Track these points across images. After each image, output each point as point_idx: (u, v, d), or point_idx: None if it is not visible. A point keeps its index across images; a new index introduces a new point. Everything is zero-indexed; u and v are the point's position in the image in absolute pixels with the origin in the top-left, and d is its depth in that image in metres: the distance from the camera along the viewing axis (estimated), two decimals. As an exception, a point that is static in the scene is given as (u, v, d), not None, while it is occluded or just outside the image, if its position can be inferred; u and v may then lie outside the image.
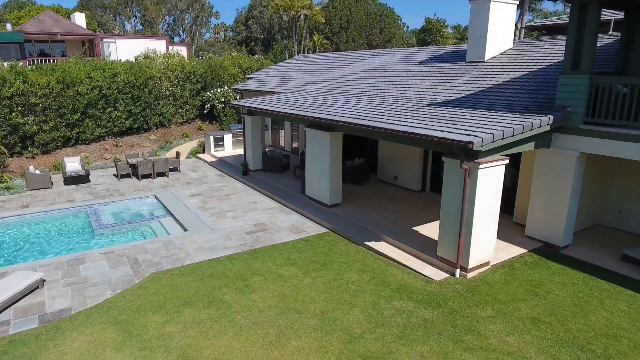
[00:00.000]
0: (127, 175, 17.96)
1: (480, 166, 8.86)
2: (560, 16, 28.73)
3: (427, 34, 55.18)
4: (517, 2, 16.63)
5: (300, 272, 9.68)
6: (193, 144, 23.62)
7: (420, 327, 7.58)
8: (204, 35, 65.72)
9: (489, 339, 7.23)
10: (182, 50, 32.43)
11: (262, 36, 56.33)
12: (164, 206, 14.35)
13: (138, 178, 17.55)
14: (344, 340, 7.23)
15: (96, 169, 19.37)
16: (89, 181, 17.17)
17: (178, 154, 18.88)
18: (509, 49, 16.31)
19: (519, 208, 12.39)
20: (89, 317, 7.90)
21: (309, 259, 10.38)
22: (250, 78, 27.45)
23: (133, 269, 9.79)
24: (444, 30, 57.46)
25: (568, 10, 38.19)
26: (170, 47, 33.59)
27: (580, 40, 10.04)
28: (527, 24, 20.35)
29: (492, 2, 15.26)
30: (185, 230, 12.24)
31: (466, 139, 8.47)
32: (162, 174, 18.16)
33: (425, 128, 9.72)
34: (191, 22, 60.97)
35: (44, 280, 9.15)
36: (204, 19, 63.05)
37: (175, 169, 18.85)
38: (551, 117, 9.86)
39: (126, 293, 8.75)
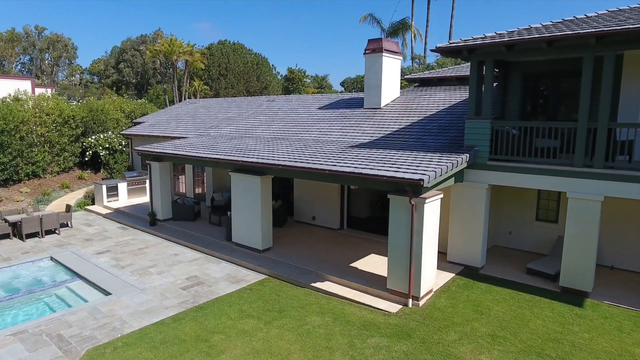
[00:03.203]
0: (5, 236, 14.98)
1: (426, 201, 9.74)
2: (425, 71, 33.29)
3: (290, 83, 58.54)
4: (402, 57, 19.02)
5: (261, 324, 9.19)
6: (77, 195, 20.85)
7: (403, 360, 7.82)
8: (66, 78, 59.34)
9: (466, 360, 7.79)
10: (48, 93, 28.73)
11: (135, 80, 53.17)
12: (68, 268, 12.33)
13: (21, 238, 14.78)
14: (339, 386, 7.07)
15: (-43, 232, 15.75)
16: (-46, 248, 13.89)
17: (69, 208, 16.49)
18: (397, 97, 18.39)
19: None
20: (28, 416, 6.35)
21: (263, 308, 9.94)
22: (138, 123, 25.72)
23: (62, 349, 8.17)
24: (305, 79, 61.63)
25: (416, 65, 43.78)
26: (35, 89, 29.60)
27: (480, 90, 11.98)
28: (405, 77, 23.09)
29: (383, 57, 17.21)
30: (108, 293, 10.68)
31: (416, 176, 9.29)
32: (51, 232, 15.60)
33: (370, 168, 10.36)
34: (52, 62, 54.62)
35: (-60, 380, 7.08)
36: (67, 61, 57.04)
37: (66, 225, 16.37)
38: (467, 155, 11.38)
39: (66, 378, 7.26)
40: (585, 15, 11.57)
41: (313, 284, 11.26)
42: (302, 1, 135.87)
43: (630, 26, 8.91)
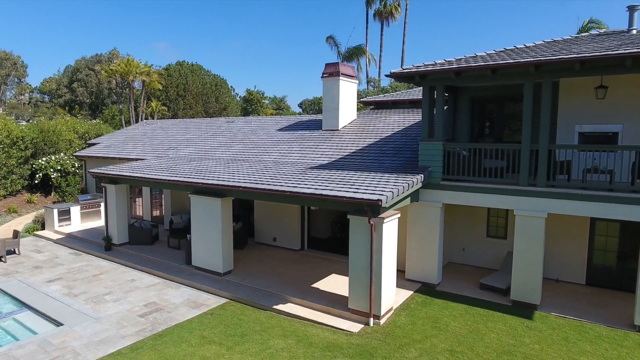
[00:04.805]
0: (-56, 267, 14.02)
1: (385, 220, 10.06)
2: (380, 94, 34.40)
3: (249, 104, 58.81)
4: (358, 82, 19.67)
5: (223, 350, 9.08)
6: (25, 219, 19.82)
7: (364, 378, 7.94)
8: (15, 97, 56.41)
9: (425, 375, 8.02)
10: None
11: (90, 100, 51.43)
12: (15, 299, 11.68)
13: (-38, 269, 13.87)
14: (302, 409, 7.08)
15: None
16: None
17: (17, 233, 15.66)
18: (355, 119, 18.93)
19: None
20: None
21: (225, 333, 9.82)
22: (93, 144, 24.94)
23: (9, 385, 7.73)
24: (263, 101, 62.15)
25: (371, 88, 45.45)
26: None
27: (432, 114, 12.59)
28: (361, 99, 23.74)
29: (341, 81, 17.77)
30: (60, 324, 10.20)
31: (374, 197, 9.61)
32: (-5, 261, 14.74)
33: (330, 190, 10.60)
34: (0, 81, 51.83)
35: None
36: (16, 79, 54.35)
37: (13, 252, 15.50)
38: (422, 175, 11.87)
39: (14, 416, 6.86)
40: (524, 45, 12.55)
41: (275, 306, 11.24)
42: (260, 23, 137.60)
43: (564, 57, 9.77)
